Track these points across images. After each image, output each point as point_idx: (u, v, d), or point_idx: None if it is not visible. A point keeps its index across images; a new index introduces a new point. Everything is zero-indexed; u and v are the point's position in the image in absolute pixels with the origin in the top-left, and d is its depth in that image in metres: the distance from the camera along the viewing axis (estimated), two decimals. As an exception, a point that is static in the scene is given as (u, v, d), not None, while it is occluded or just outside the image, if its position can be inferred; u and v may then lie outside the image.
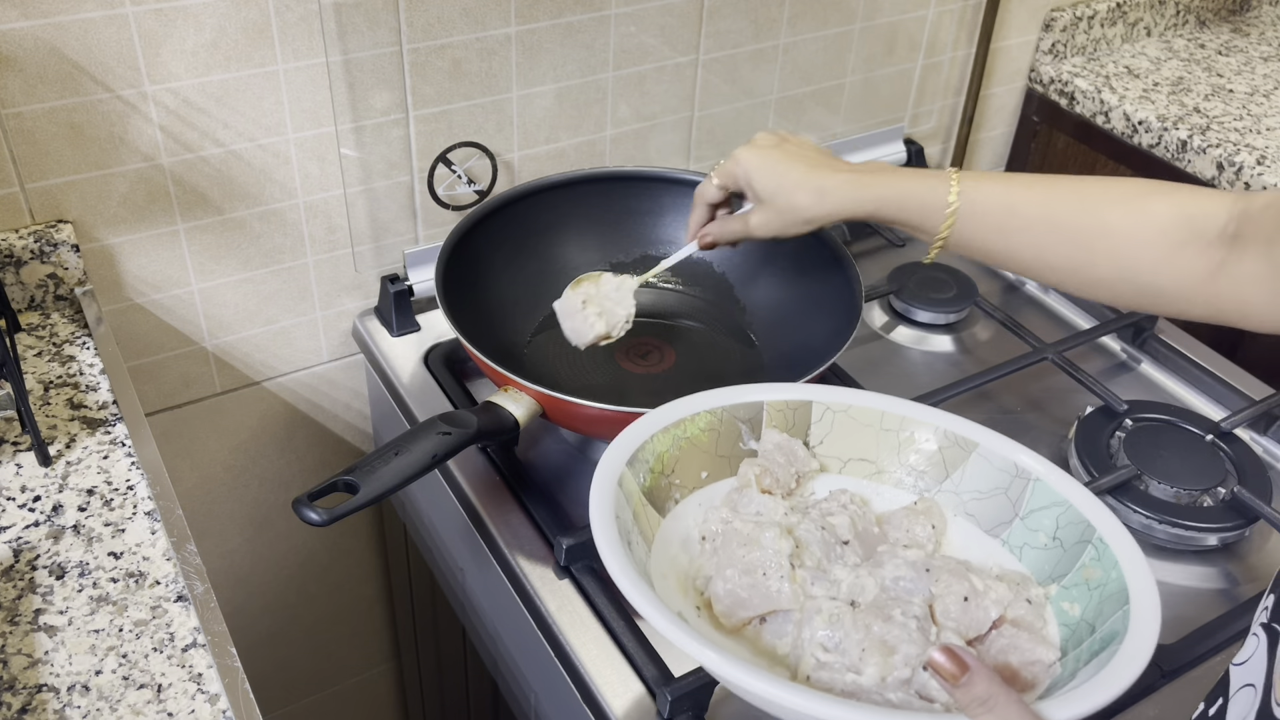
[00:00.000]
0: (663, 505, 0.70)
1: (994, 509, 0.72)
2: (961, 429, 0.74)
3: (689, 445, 0.73)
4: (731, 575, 0.65)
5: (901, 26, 1.23)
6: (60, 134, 0.85)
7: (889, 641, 0.61)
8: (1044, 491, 0.70)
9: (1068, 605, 0.65)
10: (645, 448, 0.70)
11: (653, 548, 0.67)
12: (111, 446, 0.79)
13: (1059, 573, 0.67)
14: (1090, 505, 0.68)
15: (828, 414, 0.76)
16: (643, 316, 1.03)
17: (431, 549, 1.05)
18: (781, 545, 0.66)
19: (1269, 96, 1.33)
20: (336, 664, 1.37)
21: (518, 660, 0.89)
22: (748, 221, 0.84)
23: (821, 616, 0.63)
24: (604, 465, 0.67)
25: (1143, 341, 1.08)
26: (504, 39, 0.99)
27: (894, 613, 0.62)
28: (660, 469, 0.71)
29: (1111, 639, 0.59)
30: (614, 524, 0.63)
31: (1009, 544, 0.71)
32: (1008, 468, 0.72)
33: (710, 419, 0.74)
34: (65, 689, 0.63)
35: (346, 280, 1.05)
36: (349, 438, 1.17)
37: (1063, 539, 0.68)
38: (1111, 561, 0.65)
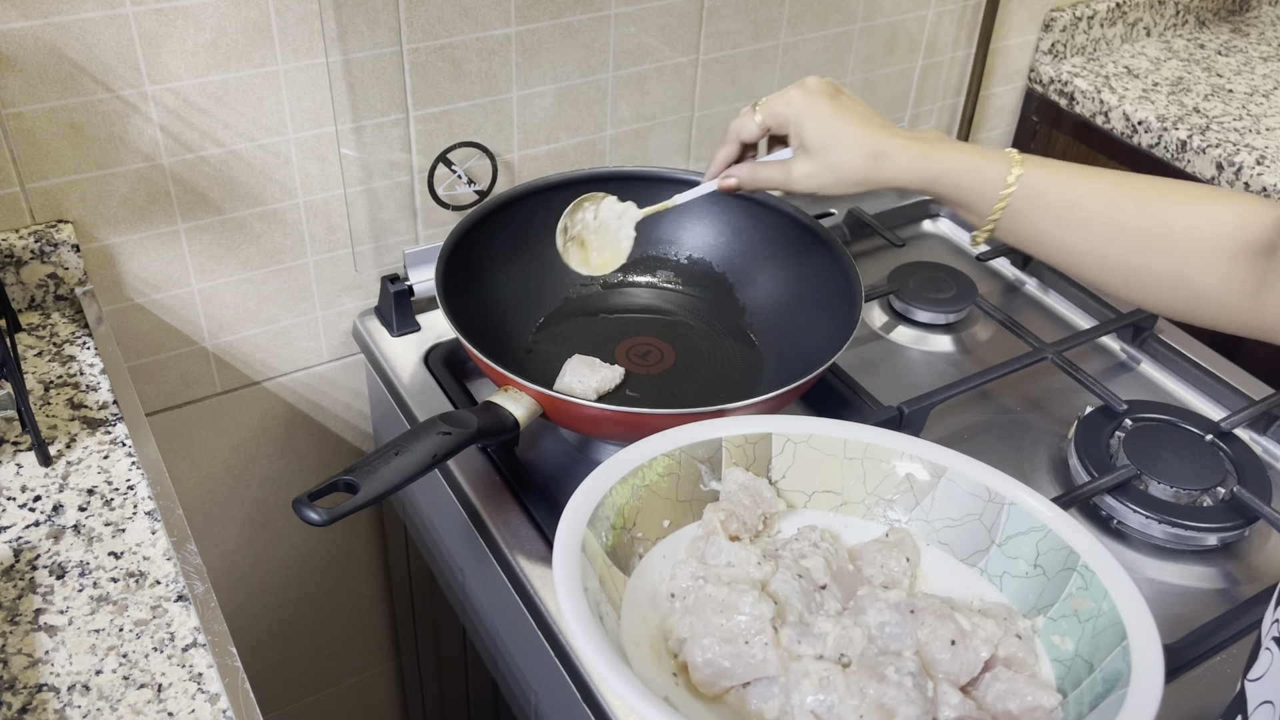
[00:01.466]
0: (627, 563, 0.67)
1: (969, 536, 0.70)
2: (928, 453, 0.72)
3: (649, 493, 0.70)
4: (710, 645, 0.62)
5: (901, 26, 1.23)
6: (60, 134, 0.85)
7: (886, 704, 0.58)
8: (1020, 516, 0.68)
9: (1058, 639, 0.63)
10: (605, 503, 0.67)
11: (622, 613, 0.64)
12: (112, 446, 0.79)
13: (1044, 603, 0.65)
14: (1070, 530, 0.66)
15: (788, 445, 0.73)
16: (643, 316, 1.04)
17: (431, 549, 1.05)
18: (762, 609, 0.63)
19: (1269, 96, 1.34)
20: (336, 664, 1.37)
21: (518, 660, 0.89)
22: (790, 171, 0.77)
23: (810, 680, 0.60)
24: (564, 530, 0.64)
25: (1143, 341, 1.08)
26: (504, 39, 0.99)
27: (888, 671, 0.60)
28: (622, 524, 0.68)
29: (1116, 680, 0.57)
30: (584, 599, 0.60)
31: (988, 573, 0.68)
32: (979, 492, 0.69)
33: (668, 462, 0.71)
34: (65, 689, 0.63)
35: (346, 280, 1.05)
36: (349, 438, 1.17)
37: (1044, 566, 0.66)
38: (1101, 591, 0.62)
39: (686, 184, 1.04)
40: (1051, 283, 1.16)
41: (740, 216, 1.04)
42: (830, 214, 1.24)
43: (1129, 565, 0.87)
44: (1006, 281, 1.18)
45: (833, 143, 0.75)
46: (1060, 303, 1.15)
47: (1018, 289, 1.17)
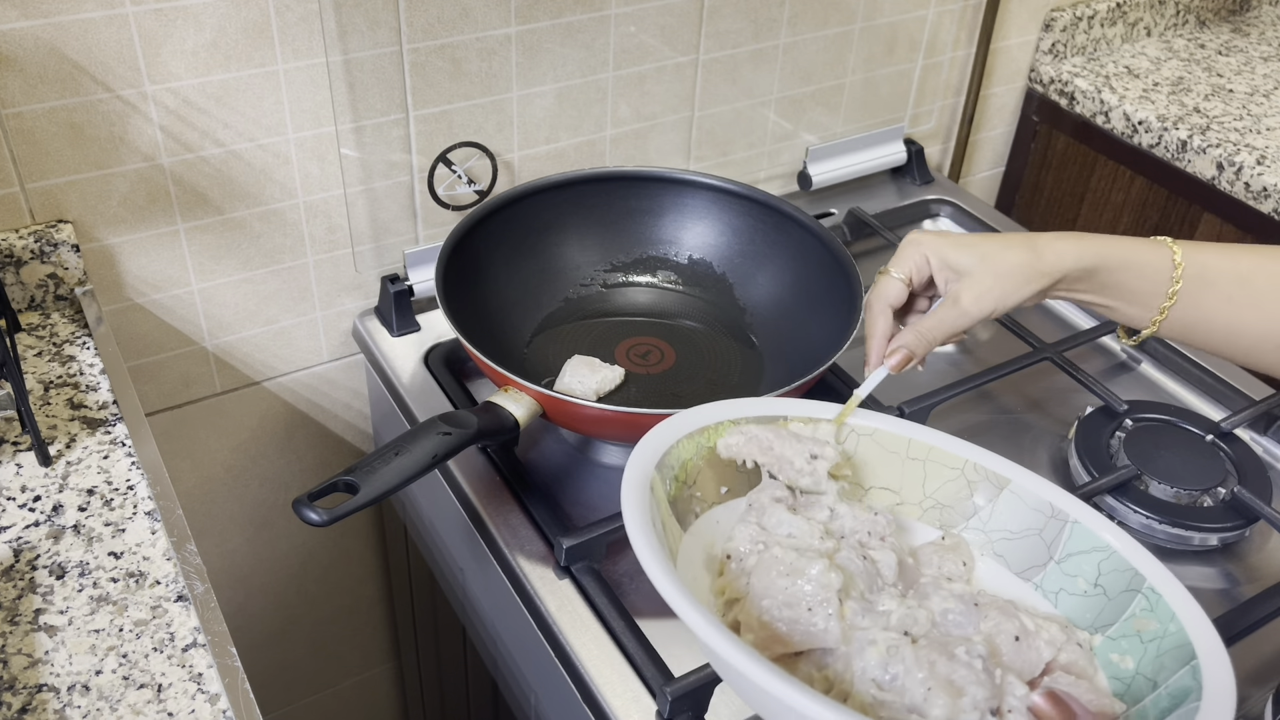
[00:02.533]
0: (684, 519, 0.65)
1: (1026, 551, 0.68)
2: (992, 464, 0.70)
3: (711, 455, 0.68)
4: (769, 607, 0.60)
5: (901, 26, 1.23)
6: (60, 134, 0.85)
7: (956, 682, 0.56)
8: (1083, 535, 0.66)
9: (1117, 657, 0.62)
10: (671, 453, 0.65)
11: (677, 564, 0.62)
12: (111, 446, 0.79)
13: (1103, 622, 0.64)
14: (1136, 553, 0.64)
15: (852, 436, 0.71)
16: (643, 316, 1.04)
17: (431, 549, 1.05)
18: (830, 579, 0.60)
19: (1269, 96, 1.34)
20: (336, 664, 1.37)
21: (518, 660, 0.89)
22: (959, 302, 0.70)
23: (876, 649, 0.57)
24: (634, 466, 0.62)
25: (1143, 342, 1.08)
26: (504, 39, 0.99)
27: (957, 650, 0.57)
28: (684, 478, 0.66)
29: (1185, 695, 0.56)
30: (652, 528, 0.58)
31: (1043, 588, 0.67)
32: (1042, 508, 0.68)
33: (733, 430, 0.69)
34: (65, 689, 0.63)
35: (346, 280, 1.05)
36: (349, 438, 1.17)
37: (1105, 586, 0.64)
38: (1168, 614, 0.60)
39: (686, 184, 1.04)
40: (1052, 283, 1.16)
41: (740, 217, 1.04)
42: (830, 214, 1.24)
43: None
44: (1006, 281, 1.18)
45: (985, 253, 0.69)
46: (1060, 303, 1.15)
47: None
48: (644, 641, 0.76)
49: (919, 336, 0.71)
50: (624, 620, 0.77)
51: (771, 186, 1.25)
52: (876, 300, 0.73)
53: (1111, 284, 0.69)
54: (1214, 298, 0.67)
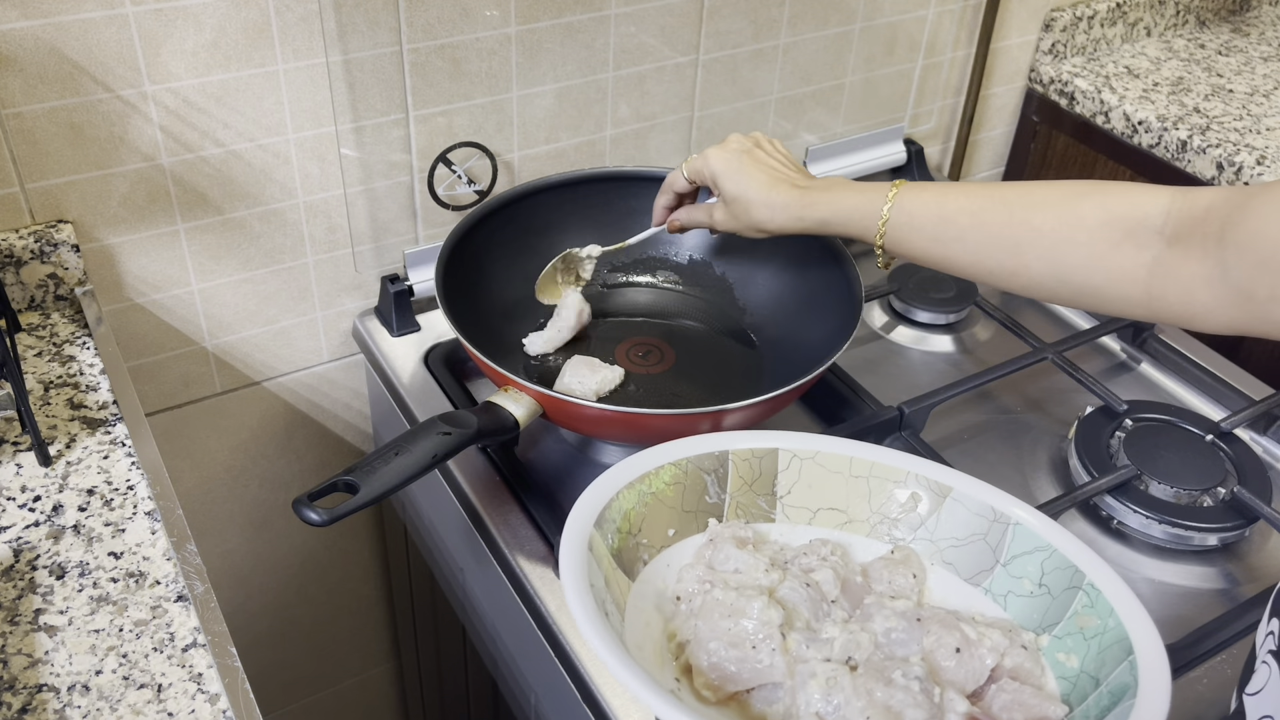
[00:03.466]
0: (632, 568, 0.67)
1: (973, 556, 0.70)
2: (934, 474, 0.72)
3: (655, 501, 0.70)
4: (716, 649, 0.62)
5: (901, 26, 1.23)
6: (60, 134, 0.85)
7: (894, 707, 0.58)
8: (1026, 536, 0.68)
9: (1064, 656, 0.63)
10: (611, 506, 0.67)
11: (626, 616, 0.64)
12: (111, 446, 0.79)
13: (1049, 621, 0.65)
14: (1076, 550, 0.66)
15: (795, 461, 0.74)
16: (643, 316, 1.04)
17: (431, 549, 1.05)
18: (770, 615, 0.63)
19: (1269, 96, 1.34)
20: (336, 664, 1.37)
21: (518, 660, 0.89)
22: (712, 215, 0.90)
23: (817, 681, 0.59)
24: (571, 527, 0.64)
25: (1143, 341, 1.08)
26: (504, 39, 0.99)
27: (894, 675, 0.59)
28: (628, 529, 0.68)
29: (1123, 693, 0.57)
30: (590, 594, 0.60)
31: (992, 592, 0.68)
32: (985, 512, 0.70)
33: (675, 472, 0.71)
34: (65, 689, 0.63)
35: (346, 280, 1.05)
36: (349, 438, 1.17)
37: (1050, 585, 0.66)
38: (1107, 609, 0.62)
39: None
40: (1051, 283, 1.16)
41: (740, 216, 1.04)
42: (830, 214, 1.24)
43: (1129, 566, 0.87)
44: (1006, 281, 1.18)
45: (741, 196, 0.86)
46: (1060, 303, 1.15)
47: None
48: (644, 641, 0.76)
49: (689, 216, 0.93)
50: (624, 620, 0.77)
51: (771, 186, 1.25)
52: (667, 185, 0.94)
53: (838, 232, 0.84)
54: (920, 236, 0.78)
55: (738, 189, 0.86)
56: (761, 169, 0.86)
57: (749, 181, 0.85)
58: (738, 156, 0.87)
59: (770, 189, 0.85)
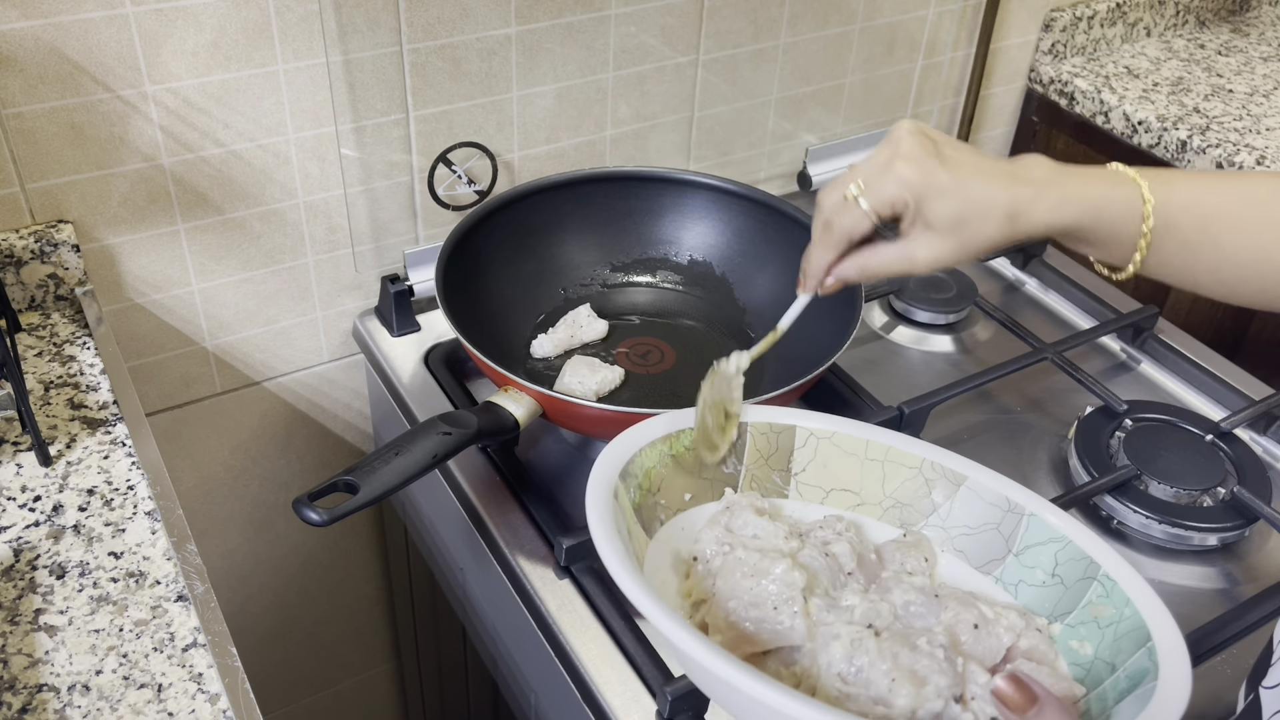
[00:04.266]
0: (650, 525, 0.67)
1: (985, 545, 0.70)
2: (949, 462, 0.72)
3: (674, 464, 0.70)
4: (735, 608, 0.61)
5: (901, 26, 1.23)
6: (60, 134, 0.85)
7: (919, 671, 0.57)
8: (1040, 527, 0.68)
9: (1076, 644, 0.63)
10: (635, 461, 0.67)
11: (644, 570, 0.63)
12: (112, 446, 0.79)
13: (1061, 610, 0.65)
14: (1091, 542, 0.66)
15: (811, 440, 0.73)
16: (643, 316, 1.04)
17: (431, 549, 1.05)
18: (794, 578, 0.62)
19: (1269, 96, 1.34)
20: (336, 664, 1.37)
21: (518, 660, 0.89)
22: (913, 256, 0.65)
23: (840, 643, 0.59)
24: (598, 474, 0.64)
25: (1143, 341, 1.08)
26: (504, 39, 0.99)
27: (919, 641, 0.59)
28: (648, 485, 0.68)
29: (1142, 676, 0.57)
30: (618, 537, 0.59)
31: (1003, 581, 0.68)
32: (999, 502, 0.70)
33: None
34: (65, 689, 0.63)
35: (346, 280, 1.05)
36: (349, 438, 1.17)
37: (1063, 576, 0.66)
38: (1123, 599, 0.62)
39: (686, 184, 1.04)
40: (1051, 283, 1.16)
41: (740, 217, 1.04)
42: (830, 214, 1.24)
43: (1129, 565, 0.87)
44: (1006, 281, 1.18)
45: (967, 215, 0.63)
46: (1060, 303, 1.15)
47: (1018, 289, 1.17)
48: (644, 641, 0.76)
49: (861, 270, 0.67)
50: (624, 620, 0.77)
51: (771, 186, 1.25)
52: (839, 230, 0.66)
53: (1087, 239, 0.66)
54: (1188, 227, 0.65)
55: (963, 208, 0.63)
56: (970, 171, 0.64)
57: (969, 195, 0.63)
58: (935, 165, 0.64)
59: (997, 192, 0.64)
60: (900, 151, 0.64)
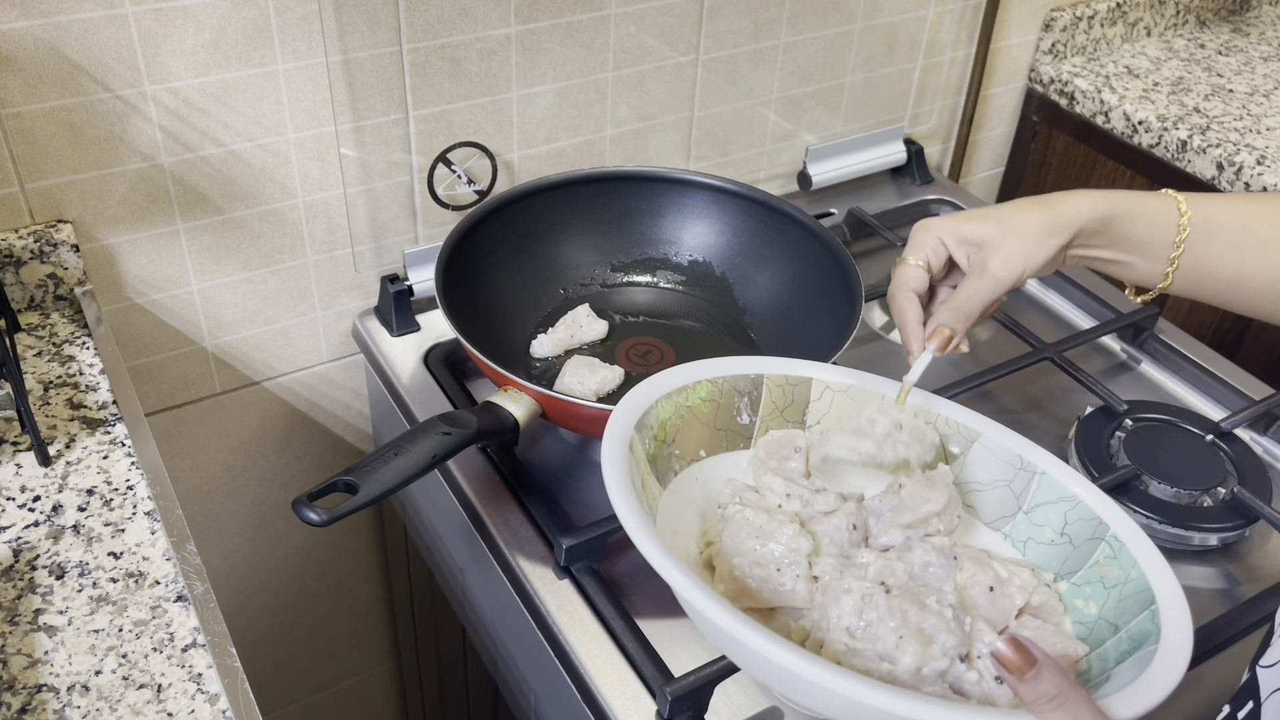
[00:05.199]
0: (664, 476, 0.68)
1: (995, 501, 0.70)
2: (964, 418, 0.72)
3: (690, 415, 0.70)
4: (740, 564, 0.62)
5: (901, 26, 1.23)
6: (60, 134, 0.85)
7: (926, 630, 0.58)
8: (1050, 486, 0.68)
9: (1081, 603, 0.64)
10: (650, 413, 0.67)
11: (657, 521, 0.64)
12: (111, 446, 0.79)
13: (1068, 569, 0.66)
14: (1101, 502, 0.66)
15: (827, 393, 0.74)
16: (643, 316, 1.04)
17: (431, 549, 1.05)
18: (800, 543, 0.63)
19: (1269, 96, 1.33)
20: (336, 664, 1.37)
21: (518, 660, 0.89)
22: (986, 268, 0.68)
23: (851, 597, 0.59)
24: (614, 426, 0.64)
25: (1143, 341, 1.08)
26: (504, 39, 0.99)
27: (928, 600, 0.59)
28: (663, 437, 0.68)
29: (1144, 639, 0.58)
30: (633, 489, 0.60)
31: (1011, 538, 0.69)
32: (1011, 459, 0.70)
33: (710, 389, 0.71)
34: (65, 689, 0.63)
35: (346, 280, 1.05)
36: (349, 438, 1.17)
37: (1071, 535, 0.67)
38: (1130, 560, 0.63)
39: (686, 184, 1.04)
40: (1051, 283, 1.16)
41: (740, 216, 1.04)
42: (830, 214, 1.24)
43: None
44: (1006, 281, 1.18)
45: (999, 218, 0.68)
46: (1060, 303, 1.15)
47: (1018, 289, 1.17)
48: (644, 641, 0.76)
49: (955, 312, 0.68)
50: (624, 620, 0.77)
51: (771, 186, 1.25)
52: (900, 289, 0.71)
53: (1124, 235, 0.68)
54: (1220, 246, 0.67)
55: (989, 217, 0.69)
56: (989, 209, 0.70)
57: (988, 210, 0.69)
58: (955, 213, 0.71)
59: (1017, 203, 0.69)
60: (922, 223, 0.72)
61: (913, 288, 0.70)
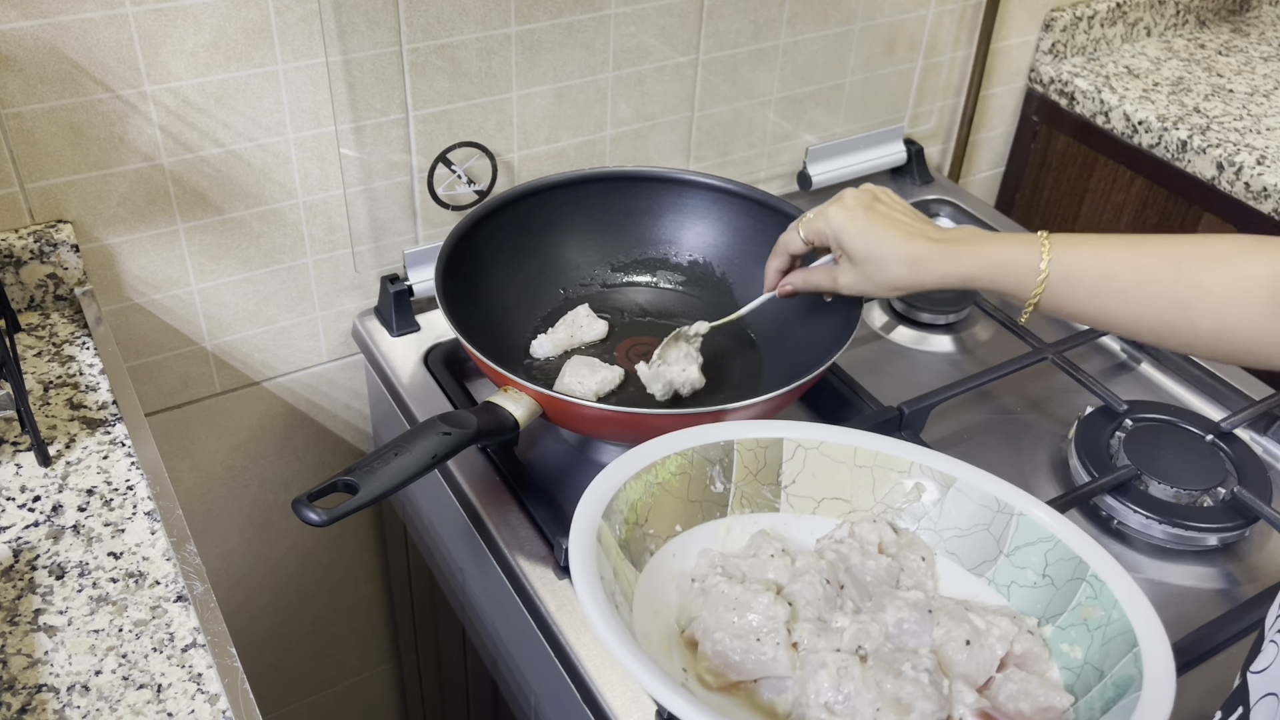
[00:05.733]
0: (639, 558, 0.68)
1: (977, 546, 0.70)
2: (938, 464, 0.72)
3: (661, 491, 0.70)
4: (721, 638, 0.63)
5: (901, 26, 1.23)
6: (60, 134, 0.85)
7: (903, 699, 0.58)
8: (1029, 527, 0.68)
9: (1067, 647, 0.63)
10: (619, 497, 0.67)
11: (634, 606, 0.64)
12: (111, 446, 0.79)
13: (1052, 612, 0.66)
14: (1080, 541, 0.67)
15: (799, 451, 0.74)
16: (643, 316, 1.04)
17: (431, 549, 1.05)
18: (776, 611, 0.63)
19: (1269, 96, 1.33)
20: (336, 664, 1.37)
21: (518, 660, 0.89)
22: (835, 279, 0.84)
23: (827, 671, 0.60)
24: (580, 518, 0.64)
25: (1143, 341, 1.08)
26: (504, 39, 0.99)
27: (904, 667, 0.60)
28: (635, 519, 0.68)
29: (1127, 686, 0.58)
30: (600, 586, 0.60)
31: (995, 583, 0.69)
32: (988, 503, 0.70)
33: (681, 462, 0.71)
34: (65, 689, 0.63)
35: (346, 280, 1.05)
36: (349, 438, 1.17)
37: (1053, 576, 0.67)
38: (1110, 600, 0.63)
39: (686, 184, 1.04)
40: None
41: (740, 217, 1.04)
42: (830, 214, 1.24)
43: (1129, 565, 0.86)
44: (1006, 281, 1.18)
45: (873, 255, 0.79)
46: (1060, 303, 1.15)
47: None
48: (644, 642, 0.76)
49: (804, 281, 0.87)
50: (624, 620, 0.77)
51: (771, 186, 1.25)
52: (780, 244, 0.88)
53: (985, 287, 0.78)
54: (1080, 293, 0.73)
55: (869, 247, 0.79)
56: (891, 224, 0.80)
57: (881, 238, 0.79)
58: (863, 213, 0.81)
59: (906, 244, 0.78)
60: (839, 200, 0.83)
61: (790, 252, 0.88)
